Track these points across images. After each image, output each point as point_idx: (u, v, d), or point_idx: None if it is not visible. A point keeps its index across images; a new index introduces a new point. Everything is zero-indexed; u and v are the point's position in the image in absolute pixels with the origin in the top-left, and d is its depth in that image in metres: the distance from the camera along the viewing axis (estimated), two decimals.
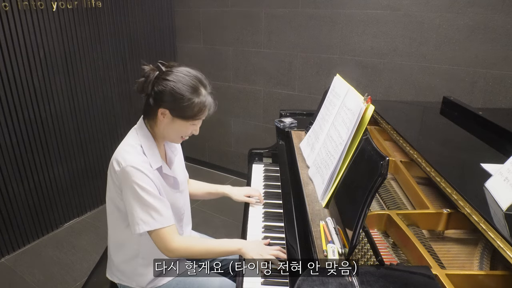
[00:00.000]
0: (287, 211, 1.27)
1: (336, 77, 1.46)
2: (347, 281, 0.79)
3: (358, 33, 2.52)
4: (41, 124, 2.45)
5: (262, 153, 1.90)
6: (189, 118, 1.16)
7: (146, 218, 1.12)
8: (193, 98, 1.13)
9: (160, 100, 1.13)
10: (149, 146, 1.19)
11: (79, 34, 2.55)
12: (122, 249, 1.27)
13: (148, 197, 1.12)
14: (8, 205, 2.36)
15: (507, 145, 1.32)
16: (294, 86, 2.93)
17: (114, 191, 1.19)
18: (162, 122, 1.17)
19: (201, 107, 1.15)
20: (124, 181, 1.12)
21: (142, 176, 1.11)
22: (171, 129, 1.18)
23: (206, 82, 1.19)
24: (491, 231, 0.84)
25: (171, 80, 1.12)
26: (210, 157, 3.69)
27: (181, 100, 1.12)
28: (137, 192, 1.11)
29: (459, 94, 2.28)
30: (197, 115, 1.16)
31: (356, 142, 1.10)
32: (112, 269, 1.33)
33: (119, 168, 1.12)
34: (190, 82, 1.13)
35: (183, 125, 1.18)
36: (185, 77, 1.14)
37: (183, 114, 1.14)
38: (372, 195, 0.87)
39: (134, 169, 1.10)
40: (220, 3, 3.08)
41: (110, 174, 1.18)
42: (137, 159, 1.13)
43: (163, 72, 1.15)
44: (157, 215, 1.13)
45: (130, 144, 1.18)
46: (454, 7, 2.18)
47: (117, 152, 1.17)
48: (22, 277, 2.25)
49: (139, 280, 1.28)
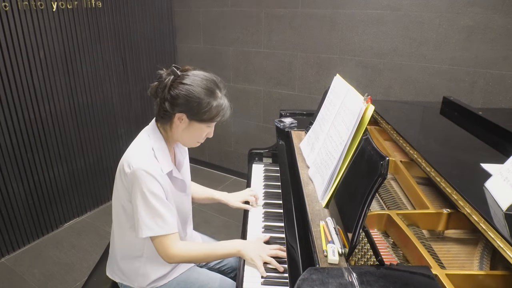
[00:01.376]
0: (287, 211, 1.27)
1: (336, 77, 1.46)
2: (347, 281, 0.79)
3: (358, 33, 2.52)
4: (41, 124, 2.45)
5: (262, 153, 1.90)
6: (207, 121, 1.16)
7: (150, 224, 1.13)
8: (211, 101, 1.13)
9: (176, 104, 1.13)
10: (161, 150, 1.19)
11: (79, 34, 2.55)
12: (126, 248, 1.27)
13: (155, 202, 1.12)
14: (8, 205, 2.36)
15: (507, 145, 1.32)
16: (294, 86, 2.93)
17: (122, 192, 1.19)
18: (178, 126, 1.17)
19: (218, 109, 1.16)
20: (134, 184, 1.12)
21: (152, 181, 1.11)
22: (187, 133, 1.19)
23: (221, 85, 1.20)
24: (491, 231, 0.84)
25: (188, 84, 1.12)
26: (210, 157, 3.69)
27: (198, 103, 1.12)
28: (146, 196, 1.11)
29: (459, 94, 2.28)
30: (215, 117, 1.17)
31: (356, 142, 1.10)
32: (114, 267, 1.33)
33: (129, 170, 1.12)
34: (206, 85, 1.14)
35: (199, 128, 1.18)
36: (202, 80, 1.14)
37: (201, 117, 1.14)
38: (372, 195, 0.87)
39: (145, 172, 1.10)
40: (220, 3, 3.08)
41: (120, 175, 1.18)
42: (148, 163, 1.12)
43: (178, 76, 1.15)
44: (162, 222, 1.14)
45: (142, 147, 1.17)
46: (454, 7, 2.18)
47: (128, 154, 1.16)
48: (22, 277, 2.25)
49: (140, 280, 1.28)
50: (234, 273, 1.49)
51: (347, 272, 0.81)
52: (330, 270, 0.83)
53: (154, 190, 1.12)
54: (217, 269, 1.49)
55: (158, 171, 1.14)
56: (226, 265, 1.51)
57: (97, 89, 2.77)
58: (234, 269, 1.49)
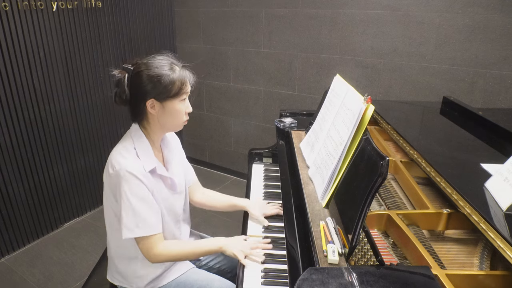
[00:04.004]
0: (287, 211, 1.27)
1: (336, 77, 1.46)
2: (347, 281, 0.78)
3: (358, 33, 2.52)
4: (41, 124, 2.45)
5: (262, 153, 1.90)
6: (176, 95, 1.16)
7: (131, 225, 1.13)
8: (171, 74, 1.14)
9: (141, 93, 1.14)
10: (143, 148, 1.19)
11: (79, 34, 2.55)
12: (121, 251, 1.28)
13: (137, 203, 1.13)
14: (8, 205, 2.36)
15: (507, 145, 1.32)
16: (294, 86, 2.93)
17: (109, 194, 1.19)
18: (154, 115, 1.18)
19: (182, 80, 1.16)
20: (117, 184, 1.13)
21: (134, 180, 1.12)
22: (165, 116, 1.18)
23: (175, 60, 1.20)
24: (491, 231, 0.84)
25: (143, 69, 1.14)
26: (210, 157, 3.69)
27: (159, 81, 1.12)
28: (128, 197, 1.12)
29: (459, 94, 2.28)
30: (182, 89, 1.16)
31: (356, 142, 1.10)
32: (112, 271, 1.34)
33: (112, 171, 1.13)
34: (160, 64, 1.15)
35: (173, 106, 1.17)
36: (154, 62, 1.15)
37: (169, 93, 1.14)
38: (372, 195, 0.87)
39: (127, 173, 1.11)
40: (220, 3, 3.08)
41: (106, 177, 1.19)
42: (130, 163, 1.13)
43: (131, 70, 1.17)
44: (143, 223, 1.14)
45: (125, 147, 1.18)
46: (454, 7, 2.18)
47: (111, 156, 1.17)
48: (22, 277, 2.25)
49: (138, 281, 1.28)
50: (233, 272, 1.48)
51: (347, 272, 0.81)
52: (330, 270, 0.83)
53: (136, 190, 1.12)
54: (216, 268, 1.49)
55: (141, 170, 1.14)
56: (225, 264, 1.51)
57: (97, 89, 2.77)
58: (233, 268, 1.49)
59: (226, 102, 3.36)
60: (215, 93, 3.40)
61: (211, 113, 3.50)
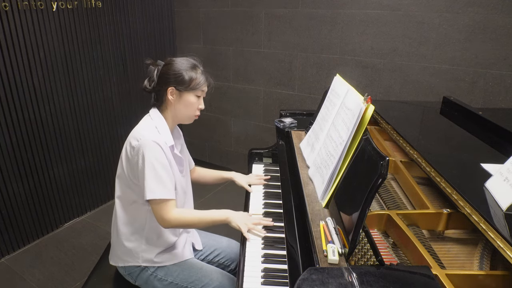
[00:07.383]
0: (287, 211, 1.27)
1: (336, 77, 1.46)
2: (347, 281, 0.78)
3: (358, 33, 2.52)
4: (41, 124, 2.45)
5: (262, 153, 1.90)
6: (194, 89, 1.33)
7: (154, 188, 1.24)
8: (192, 73, 1.33)
9: (165, 80, 1.32)
10: (163, 126, 1.33)
11: (79, 34, 2.55)
12: (130, 224, 1.36)
13: (160, 168, 1.24)
14: (8, 205, 2.36)
15: (507, 145, 1.32)
16: (294, 86, 2.93)
17: (127, 168, 1.29)
18: (171, 102, 1.33)
19: (200, 78, 1.34)
20: (142, 153, 1.23)
21: (158, 149, 1.24)
22: (180, 105, 1.34)
23: (200, 66, 1.38)
24: (491, 231, 0.84)
25: (171, 64, 1.34)
26: (210, 157, 3.69)
27: (183, 75, 1.31)
28: (152, 162, 1.23)
29: (459, 94, 2.28)
30: (200, 85, 1.34)
31: (356, 142, 1.10)
32: (117, 252, 1.38)
33: (137, 143, 1.25)
34: (186, 64, 1.35)
35: (189, 97, 1.33)
36: (183, 60, 1.36)
37: (188, 85, 1.32)
38: (372, 195, 0.87)
39: (152, 142, 1.24)
40: (220, 3, 3.08)
41: (126, 152, 1.30)
42: (154, 135, 1.27)
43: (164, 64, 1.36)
44: (163, 187, 1.25)
45: (146, 124, 1.32)
46: (454, 7, 2.18)
47: (134, 131, 1.31)
48: (22, 277, 2.25)
49: (144, 256, 1.35)
50: (233, 265, 1.59)
51: (347, 272, 0.81)
52: (330, 270, 0.83)
53: (160, 158, 1.25)
54: (216, 262, 1.58)
55: (163, 143, 1.27)
56: (225, 257, 1.59)
57: (97, 89, 2.76)
58: (233, 261, 1.59)
59: (226, 102, 3.36)
60: (215, 93, 3.40)
61: (211, 113, 3.50)
